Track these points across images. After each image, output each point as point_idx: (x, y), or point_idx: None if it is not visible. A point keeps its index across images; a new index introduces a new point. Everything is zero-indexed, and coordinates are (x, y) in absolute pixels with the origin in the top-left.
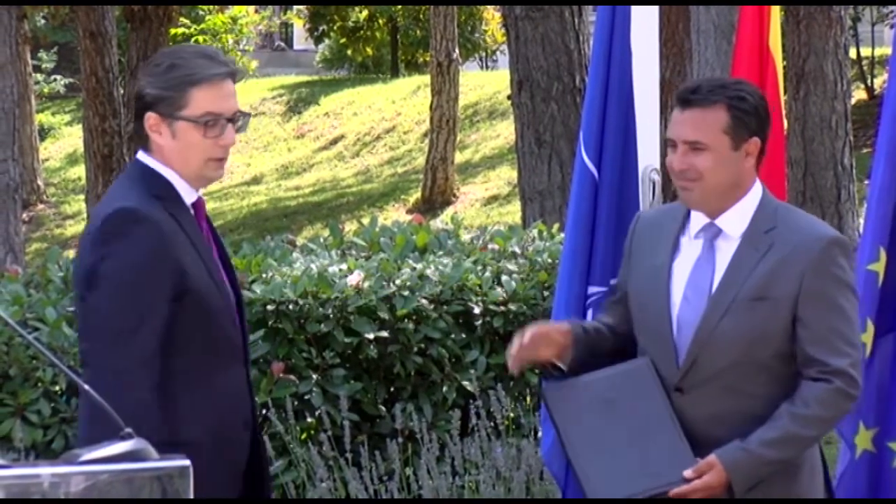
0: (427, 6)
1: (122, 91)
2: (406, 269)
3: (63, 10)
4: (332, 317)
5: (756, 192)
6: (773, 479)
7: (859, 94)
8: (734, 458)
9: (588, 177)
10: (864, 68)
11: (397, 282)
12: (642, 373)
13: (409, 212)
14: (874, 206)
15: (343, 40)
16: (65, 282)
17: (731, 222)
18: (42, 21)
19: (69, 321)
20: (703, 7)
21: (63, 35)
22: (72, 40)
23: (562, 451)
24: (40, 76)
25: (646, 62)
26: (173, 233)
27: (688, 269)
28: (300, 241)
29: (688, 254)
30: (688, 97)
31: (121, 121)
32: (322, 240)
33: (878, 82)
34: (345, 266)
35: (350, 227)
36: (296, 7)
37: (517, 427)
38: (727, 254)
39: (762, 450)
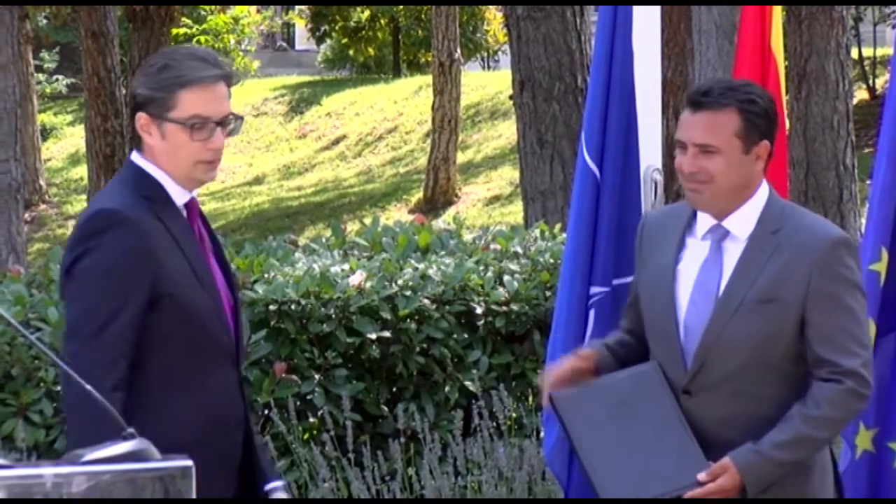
0: (429, 6)
1: (124, 91)
2: (408, 269)
3: (65, 10)
4: (334, 317)
5: (763, 192)
6: (784, 480)
7: (861, 94)
8: (747, 460)
9: (590, 177)
10: (866, 68)
11: (399, 282)
12: (650, 377)
13: (411, 212)
14: (876, 206)
15: (345, 40)
16: None
17: (739, 224)
18: (44, 21)
19: None
20: (705, 7)
21: (65, 35)
22: (74, 40)
23: (575, 457)
24: (42, 76)
25: (647, 62)
26: (156, 234)
27: (695, 270)
28: (302, 241)
29: (694, 255)
30: (699, 99)
31: (123, 121)
32: (324, 240)
33: (880, 82)
34: (347, 266)
35: (352, 227)
36: (297, 7)
37: (519, 427)
38: (734, 255)
39: (775, 452)
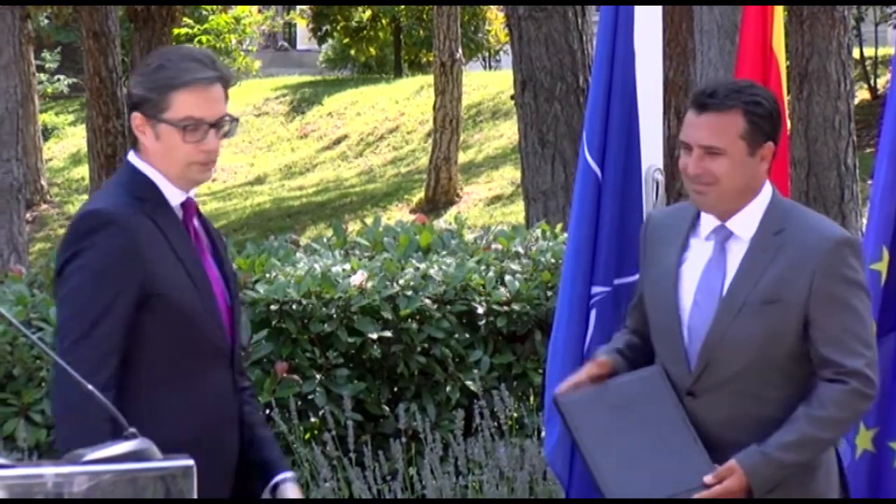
0: (430, 6)
1: (125, 91)
2: (409, 269)
3: (66, 10)
4: (335, 317)
5: (766, 193)
6: (789, 480)
7: (862, 94)
8: (754, 462)
9: (591, 177)
10: (868, 68)
11: (401, 282)
12: (654, 380)
13: (412, 212)
14: (877, 206)
15: (346, 40)
16: None
17: (742, 225)
18: (45, 21)
19: None
20: (707, 7)
21: (66, 35)
22: (75, 40)
23: (581, 460)
24: (44, 76)
25: (649, 62)
26: (147, 235)
27: (698, 271)
28: (304, 240)
29: (698, 255)
30: (704, 101)
31: (124, 121)
32: (325, 240)
33: (882, 82)
34: (348, 266)
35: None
36: (299, 7)
37: (521, 427)
38: (737, 256)
39: (781, 453)
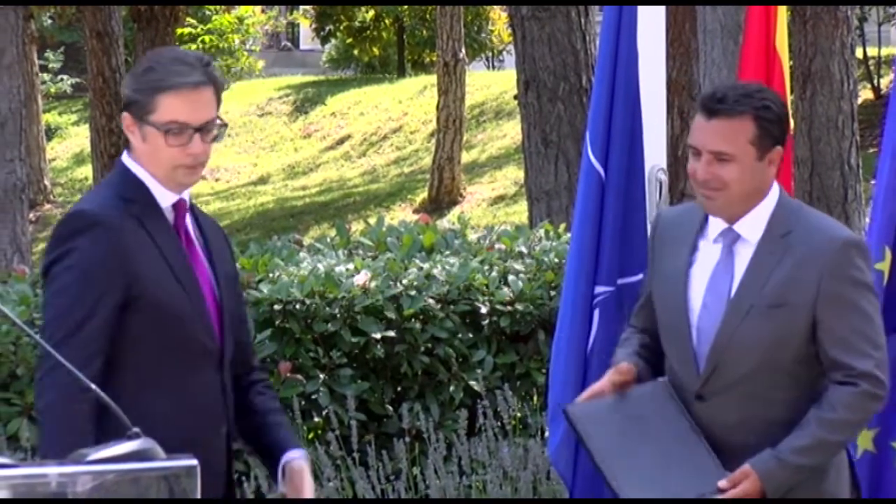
0: (433, 6)
1: None
2: (413, 269)
3: (70, 9)
4: (338, 316)
5: (773, 195)
6: (802, 482)
7: (866, 93)
8: (768, 467)
9: (595, 177)
10: (871, 68)
11: (404, 281)
12: (660, 393)
13: (415, 211)
14: (880, 206)
15: (349, 40)
16: None
17: (749, 227)
18: (49, 21)
19: None
20: (710, 7)
21: (70, 35)
22: (78, 40)
23: (596, 469)
24: (47, 76)
25: (652, 62)
26: (133, 237)
27: (707, 274)
28: (307, 240)
29: (706, 258)
30: (714, 106)
31: None
32: (329, 239)
33: (885, 82)
34: (352, 266)
35: (357, 226)
36: (302, 7)
37: (524, 427)
38: (745, 259)
39: (794, 457)
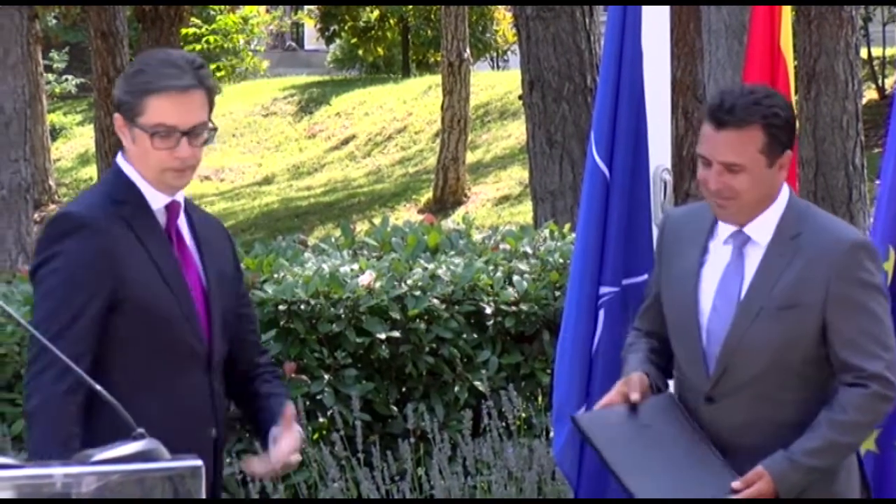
0: (438, 6)
1: None
2: (418, 269)
3: (74, 9)
4: (343, 317)
5: (783, 197)
6: (813, 483)
7: (870, 94)
8: (781, 468)
9: (599, 177)
10: (875, 68)
11: (409, 282)
12: (667, 404)
13: (420, 212)
14: (884, 206)
15: (354, 40)
16: None
17: (759, 230)
18: (53, 21)
19: None
20: (715, 7)
21: (74, 35)
22: (83, 40)
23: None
24: (51, 76)
25: (657, 62)
26: (120, 239)
27: (717, 276)
28: (312, 241)
29: (716, 259)
30: (723, 118)
31: None
32: (333, 240)
33: (889, 82)
34: (356, 266)
35: (361, 227)
36: (307, 7)
37: (529, 427)
38: (755, 261)
39: (806, 459)
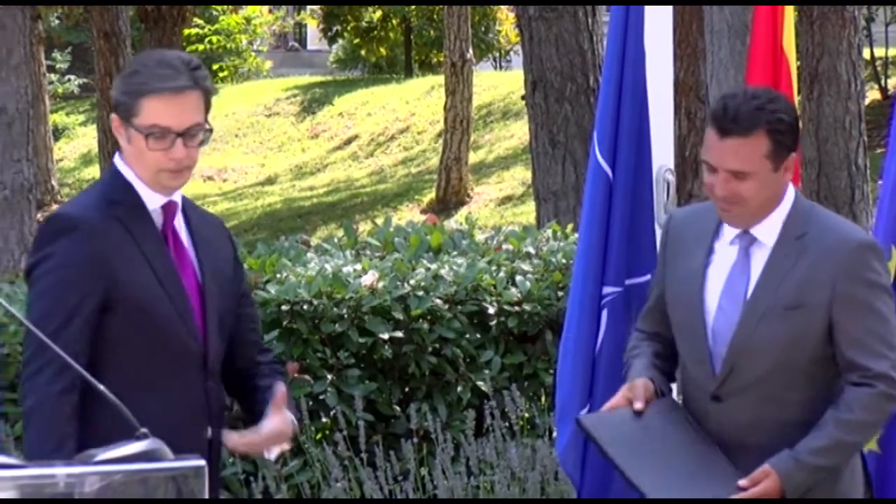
0: (441, 6)
1: None
2: (420, 270)
3: (77, 10)
4: (346, 317)
5: (789, 198)
6: (818, 483)
7: (873, 94)
8: (787, 467)
9: (602, 177)
10: (878, 69)
11: (412, 282)
12: (669, 406)
13: (423, 212)
14: (886, 206)
15: (357, 41)
16: None
17: (765, 230)
18: (56, 21)
19: None
20: (717, 7)
21: (77, 35)
22: (86, 40)
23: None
24: (54, 76)
25: (659, 62)
26: (114, 240)
27: (723, 276)
28: (314, 241)
29: (722, 260)
30: (727, 126)
31: None
32: (336, 240)
33: (892, 82)
34: (359, 266)
35: (364, 227)
36: (309, 7)
37: (532, 427)
38: (761, 261)
39: (812, 458)
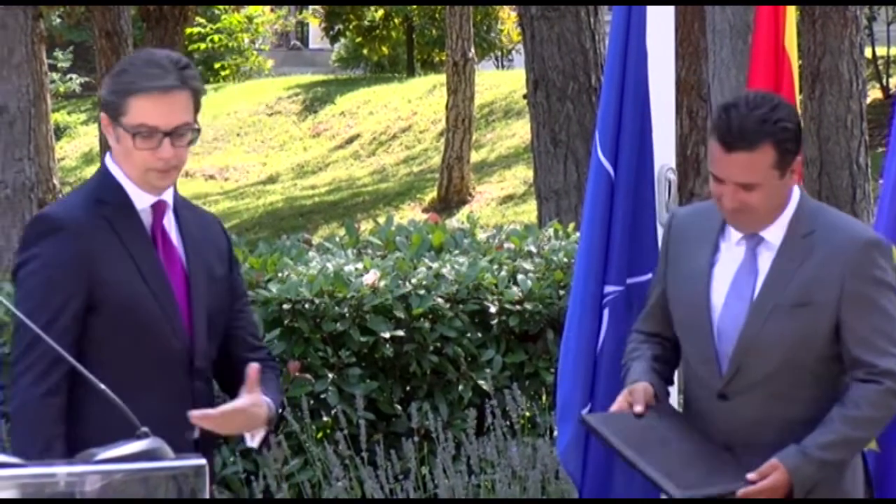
0: (443, 6)
1: None
2: (422, 268)
3: (79, 9)
4: (347, 316)
5: (794, 197)
6: (821, 480)
7: (874, 93)
8: (795, 462)
9: (604, 176)
10: (880, 68)
11: (413, 281)
12: (669, 412)
13: (424, 211)
14: (887, 205)
15: (359, 39)
16: None
17: (772, 230)
18: (58, 20)
19: None
20: (719, 7)
21: (79, 34)
22: (87, 39)
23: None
24: (56, 75)
25: (661, 62)
26: (101, 241)
27: (729, 275)
28: (316, 240)
29: (728, 259)
30: (733, 142)
31: None
32: (338, 239)
33: (894, 82)
34: (361, 265)
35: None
36: (311, 6)
37: (533, 426)
38: (768, 260)
39: (819, 453)
